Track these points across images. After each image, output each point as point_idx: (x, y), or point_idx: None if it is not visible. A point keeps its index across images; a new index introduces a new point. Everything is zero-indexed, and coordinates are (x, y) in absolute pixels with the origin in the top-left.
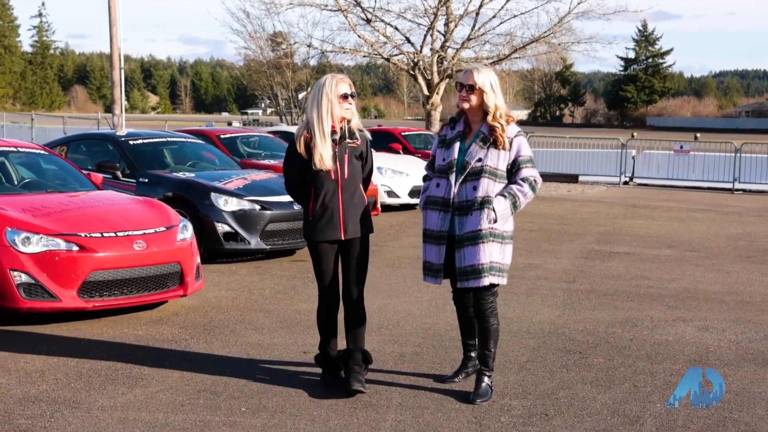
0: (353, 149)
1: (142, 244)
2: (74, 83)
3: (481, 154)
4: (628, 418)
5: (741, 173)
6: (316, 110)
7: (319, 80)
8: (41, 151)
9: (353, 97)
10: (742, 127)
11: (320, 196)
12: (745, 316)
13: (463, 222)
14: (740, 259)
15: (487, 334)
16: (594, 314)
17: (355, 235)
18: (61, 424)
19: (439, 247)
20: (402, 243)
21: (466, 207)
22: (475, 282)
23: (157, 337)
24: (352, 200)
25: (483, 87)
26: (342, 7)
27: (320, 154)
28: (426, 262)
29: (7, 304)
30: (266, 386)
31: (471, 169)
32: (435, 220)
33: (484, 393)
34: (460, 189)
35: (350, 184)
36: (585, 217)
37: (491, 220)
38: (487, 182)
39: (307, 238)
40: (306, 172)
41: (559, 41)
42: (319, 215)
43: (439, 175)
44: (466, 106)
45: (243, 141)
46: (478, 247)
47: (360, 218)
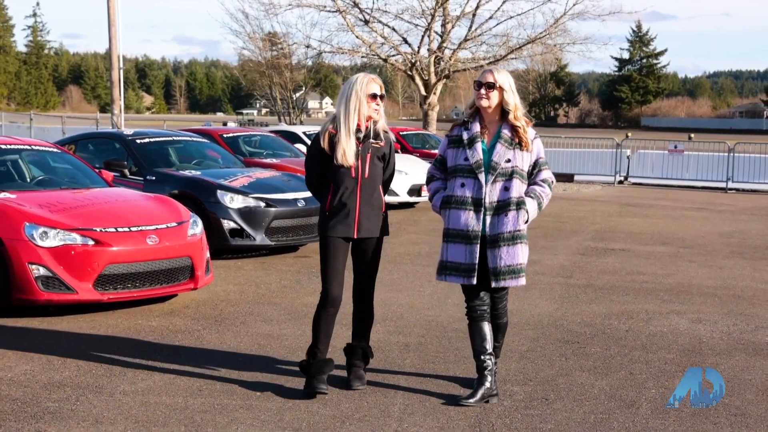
0: (376, 149)
1: (154, 238)
2: (69, 83)
3: (510, 155)
4: (624, 403)
5: (734, 173)
6: (344, 106)
7: (350, 78)
8: (54, 150)
9: (382, 99)
10: (736, 127)
11: (339, 192)
12: (737, 308)
13: (496, 222)
14: (733, 255)
15: (499, 329)
16: (591, 307)
17: (368, 235)
18: (86, 407)
19: (470, 246)
20: (402, 240)
21: (500, 207)
22: (514, 282)
23: (171, 328)
24: (370, 200)
25: (503, 85)
26: (340, 8)
27: (343, 149)
28: (450, 262)
29: (25, 297)
30: (278, 373)
31: (502, 170)
32: (464, 219)
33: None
34: (491, 189)
35: (370, 183)
36: (581, 215)
37: (525, 221)
38: (518, 183)
39: (321, 233)
40: (327, 167)
41: (555, 42)
42: (335, 211)
43: (464, 175)
44: (485, 104)
45: (245, 140)
46: (516, 248)
47: (376, 219)
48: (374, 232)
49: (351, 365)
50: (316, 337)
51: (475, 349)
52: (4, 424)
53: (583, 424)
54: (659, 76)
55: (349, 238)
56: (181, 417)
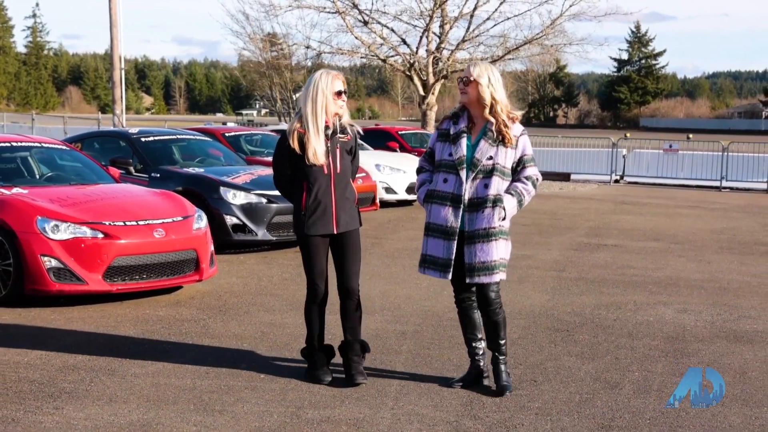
0: (344, 144)
1: (161, 232)
2: (68, 84)
3: (492, 152)
4: (609, 384)
5: (728, 171)
6: (311, 106)
7: (312, 75)
8: (63, 147)
9: (345, 94)
10: (735, 128)
11: (313, 190)
12: (722, 300)
13: (473, 219)
14: (722, 250)
15: (497, 326)
16: (581, 299)
17: (347, 229)
18: (100, 388)
19: (448, 242)
20: (400, 236)
21: (477, 204)
22: (487, 278)
23: (177, 317)
24: (344, 194)
25: (478, 79)
26: (340, 10)
27: (314, 148)
28: (429, 255)
29: (38, 287)
30: (281, 358)
31: (483, 167)
32: (444, 215)
33: (507, 381)
34: (471, 186)
35: (342, 178)
36: (576, 212)
37: (501, 218)
38: (497, 180)
39: (299, 233)
40: (298, 166)
41: (552, 43)
42: (312, 209)
43: (446, 170)
44: (465, 100)
45: (246, 139)
46: (490, 244)
47: (352, 212)
48: (352, 224)
49: (349, 360)
50: (311, 328)
51: (466, 336)
52: (24, 402)
53: (568, 403)
54: (658, 76)
55: (329, 234)
56: (190, 396)
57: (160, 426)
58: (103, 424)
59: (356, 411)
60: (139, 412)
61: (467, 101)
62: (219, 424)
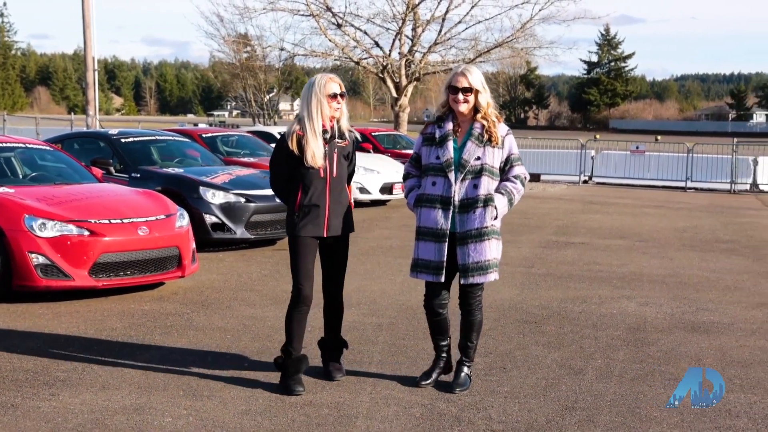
0: (342, 149)
1: (145, 229)
2: (37, 84)
3: (479, 153)
4: (573, 370)
5: (693, 172)
6: (307, 109)
7: (310, 79)
8: (47, 148)
9: (342, 97)
10: (702, 129)
11: (308, 193)
12: (682, 294)
13: (465, 219)
14: (684, 248)
15: (471, 327)
16: (549, 293)
17: (337, 233)
18: (92, 376)
19: (439, 244)
20: (374, 234)
21: (468, 205)
22: (482, 278)
23: (162, 311)
24: (338, 199)
25: (478, 87)
26: (313, 12)
27: (312, 151)
28: (421, 259)
29: (26, 283)
30: (264, 348)
31: (471, 168)
32: (434, 217)
33: (464, 382)
34: (460, 187)
35: (338, 182)
36: (545, 212)
37: (493, 217)
38: (487, 180)
39: (290, 233)
40: (295, 169)
41: (522, 46)
42: (306, 211)
43: (435, 174)
44: (465, 109)
45: (223, 140)
46: (483, 244)
47: (344, 217)
48: (343, 229)
49: (328, 357)
50: (290, 336)
51: (434, 340)
52: (21, 389)
53: (535, 387)
54: (627, 79)
55: (318, 237)
56: (179, 383)
57: (152, 410)
58: (98, 408)
59: (337, 395)
60: (132, 397)
61: (465, 110)
62: (208, 408)
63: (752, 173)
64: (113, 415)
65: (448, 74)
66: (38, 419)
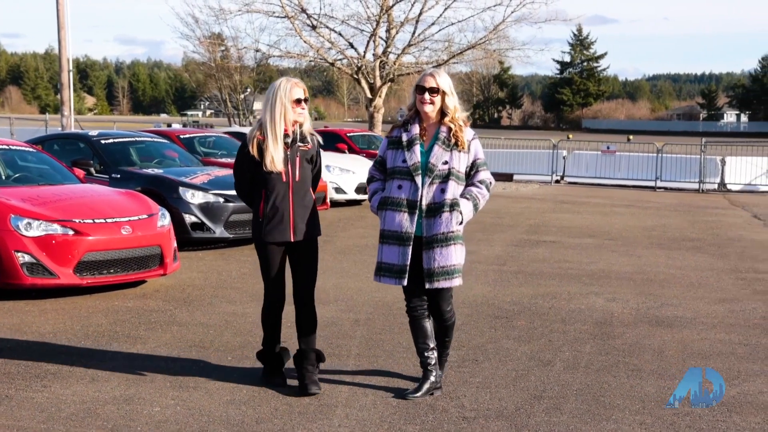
0: (304, 153)
1: (128, 229)
2: (7, 84)
3: (446, 157)
4: (542, 362)
5: (662, 172)
6: (270, 113)
7: (273, 83)
8: (30, 149)
9: (306, 102)
10: (673, 129)
11: (271, 197)
12: (648, 290)
13: (431, 224)
14: (652, 246)
15: (447, 329)
16: (520, 290)
17: (304, 237)
18: (82, 369)
19: (403, 247)
20: (350, 234)
21: (435, 209)
22: (447, 282)
23: (145, 308)
24: (302, 203)
25: (445, 89)
26: (288, 14)
27: (272, 155)
28: (384, 263)
29: (12, 281)
30: (246, 342)
31: (438, 172)
32: (399, 221)
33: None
34: (427, 191)
35: (301, 186)
36: (517, 211)
37: (459, 222)
38: (453, 185)
39: (256, 239)
40: (257, 173)
41: (495, 47)
42: (269, 217)
43: (401, 177)
44: (429, 110)
45: (200, 141)
46: (450, 249)
47: (309, 221)
48: (309, 233)
49: (304, 370)
50: (266, 332)
51: (417, 346)
52: (14, 382)
53: (506, 378)
54: (600, 78)
55: (285, 242)
56: (166, 375)
57: (141, 400)
58: (90, 399)
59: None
60: (121, 389)
61: (431, 111)
62: (195, 398)
63: (720, 173)
64: (104, 405)
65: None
66: (33, 409)
